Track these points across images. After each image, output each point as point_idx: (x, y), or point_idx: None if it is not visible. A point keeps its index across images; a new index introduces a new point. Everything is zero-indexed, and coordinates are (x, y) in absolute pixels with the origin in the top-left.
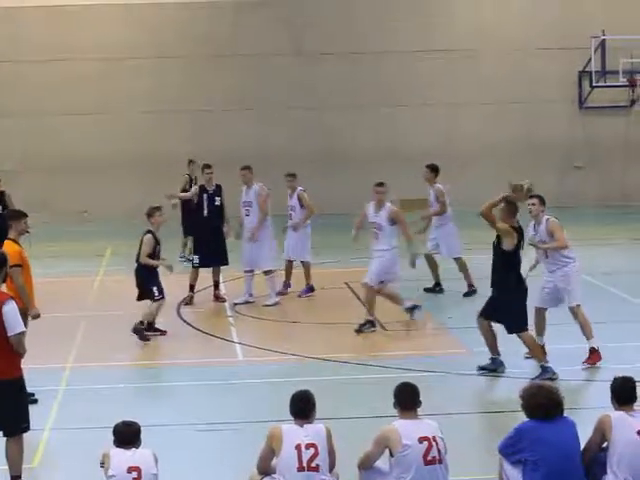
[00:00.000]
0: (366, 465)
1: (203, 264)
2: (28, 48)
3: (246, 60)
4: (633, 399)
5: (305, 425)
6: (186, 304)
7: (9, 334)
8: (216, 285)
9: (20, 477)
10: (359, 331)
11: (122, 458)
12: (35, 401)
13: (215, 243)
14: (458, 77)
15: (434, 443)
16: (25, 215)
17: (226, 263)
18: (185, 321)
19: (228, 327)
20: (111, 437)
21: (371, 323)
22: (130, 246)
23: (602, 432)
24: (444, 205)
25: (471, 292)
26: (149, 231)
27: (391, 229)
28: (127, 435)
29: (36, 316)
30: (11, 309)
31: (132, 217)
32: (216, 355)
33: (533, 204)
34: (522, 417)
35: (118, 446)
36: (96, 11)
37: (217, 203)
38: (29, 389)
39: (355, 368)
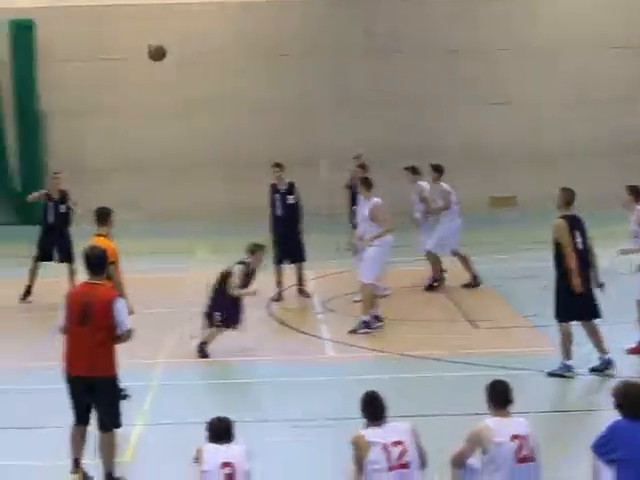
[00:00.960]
0: (458, 463)
1: (281, 261)
2: (117, 47)
3: (320, 58)
4: None
5: (383, 425)
6: (275, 300)
7: (120, 330)
8: (300, 281)
9: (113, 474)
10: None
11: (216, 454)
12: (128, 396)
13: (291, 240)
14: (539, 75)
15: (526, 441)
16: (112, 211)
17: (303, 259)
18: (274, 317)
19: (317, 323)
20: (204, 433)
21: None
22: (215, 245)
23: None
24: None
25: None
26: (243, 262)
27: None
28: (221, 430)
29: (130, 313)
30: (122, 306)
31: (217, 216)
32: (305, 352)
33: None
34: (613, 416)
35: (212, 442)
36: (184, 9)
37: (290, 201)
38: (121, 384)
39: (445, 365)
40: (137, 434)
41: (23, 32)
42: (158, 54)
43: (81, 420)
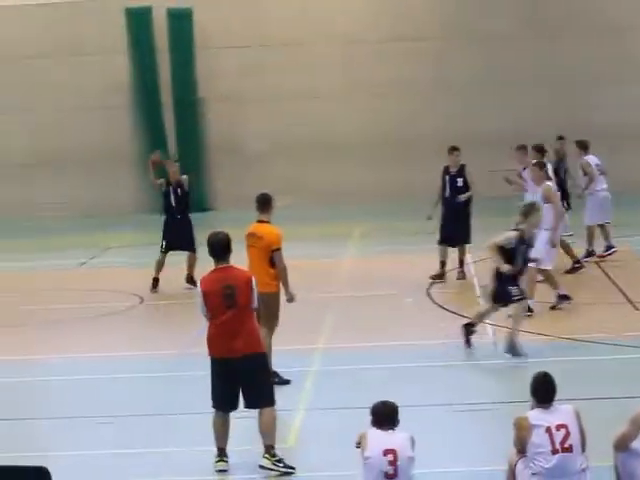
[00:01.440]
0: (622, 445)
1: (444, 242)
2: (271, 32)
3: (488, 41)
4: None
5: (550, 408)
6: (435, 279)
7: (254, 305)
8: (460, 263)
9: (274, 447)
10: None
11: (379, 440)
12: (288, 382)
13: (456, 223)
14: None
15: None
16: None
17: (467, 242)
18: (434, 301)
19: (477, 306)
20: (365, 419)
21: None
22: (380, 228)
23: None
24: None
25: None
26: (517, 229)
27: (546, 207)
28: (385, 415)
29: (292, 299)
30: (255, 285)
31: (387, 197)
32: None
33: None
34: None
35: (375, 426)
36: None
37: (459, 184)
38: (281, 370)
39: (607, 348)
40: (299, 419)
41: (181, 20)
42: None
43: (224, 407)
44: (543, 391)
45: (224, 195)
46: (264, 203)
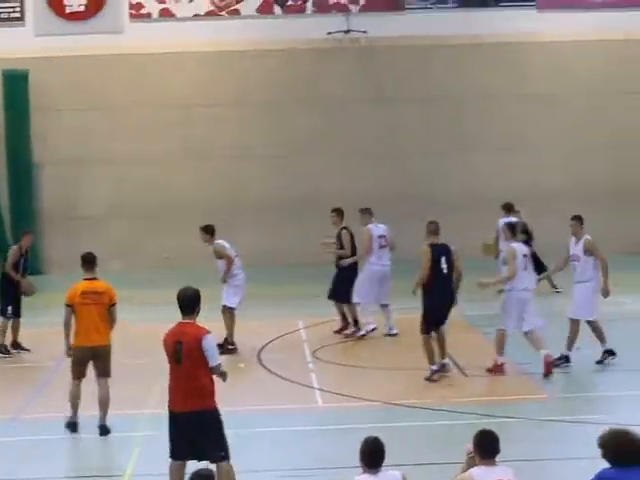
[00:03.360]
0: None
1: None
2: (110, 95)
3: (326, 106)
4: None
5: (378, 473)
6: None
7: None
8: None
9: None
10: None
11: None
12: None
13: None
14: (538, 122)
15: None
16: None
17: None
18: (264, 367)
19: (308, 373)
20: None
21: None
22: (210, 290)
23: None
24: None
25: None
26: None
27: (588, 260)
28: None
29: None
30: (211, 342)
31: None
32: (296, 401)
33: None
34: (603, 464)
35: None
36: (179, 58)
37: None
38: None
39: (433, 414)
40: None
41: (17, 82)
42: None
43: (179, 456)
44: (371, 456)
45: (58, 259)
46: (91, 261)
